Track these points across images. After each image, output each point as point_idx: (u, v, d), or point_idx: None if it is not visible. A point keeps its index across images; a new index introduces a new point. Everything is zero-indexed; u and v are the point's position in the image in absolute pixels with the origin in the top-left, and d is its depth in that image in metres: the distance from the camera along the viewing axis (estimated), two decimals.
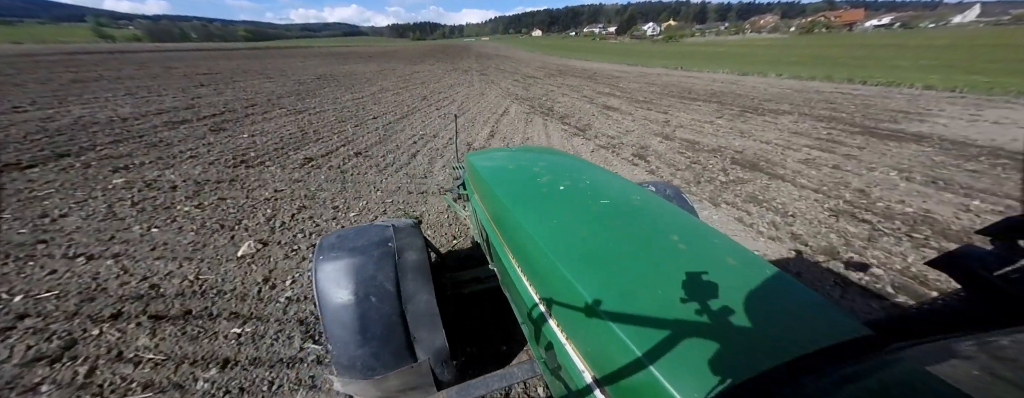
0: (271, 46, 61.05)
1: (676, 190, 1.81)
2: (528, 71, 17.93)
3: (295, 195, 3.45)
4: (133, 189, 3.50)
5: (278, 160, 4.41)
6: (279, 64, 19.71)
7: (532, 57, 30.20)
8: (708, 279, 0.71)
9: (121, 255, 2.48)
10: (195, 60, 21.55)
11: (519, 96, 10.08)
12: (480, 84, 12.81)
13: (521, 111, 7.98)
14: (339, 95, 9.74)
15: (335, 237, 1.16)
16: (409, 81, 13.38)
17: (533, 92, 10.90)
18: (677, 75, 15.19)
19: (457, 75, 15.93)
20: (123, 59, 20.90)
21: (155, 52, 31.46)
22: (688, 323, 0.61)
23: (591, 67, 20.02)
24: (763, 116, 6.92)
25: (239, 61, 21.36)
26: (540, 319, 0.91)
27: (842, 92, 9.32)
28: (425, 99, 9.46)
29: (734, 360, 0.54)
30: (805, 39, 49.70)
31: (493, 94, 10.51)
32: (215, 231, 2.82)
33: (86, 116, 6.39)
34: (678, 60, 21.89)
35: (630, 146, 5.22)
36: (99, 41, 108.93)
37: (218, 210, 3.14)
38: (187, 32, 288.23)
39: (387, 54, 35.14)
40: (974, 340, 0.48)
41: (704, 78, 13.81)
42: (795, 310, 0.66)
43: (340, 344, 0.98)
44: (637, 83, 12.75)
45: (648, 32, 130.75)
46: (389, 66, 19.97)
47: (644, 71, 17.34)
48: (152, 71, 14.51)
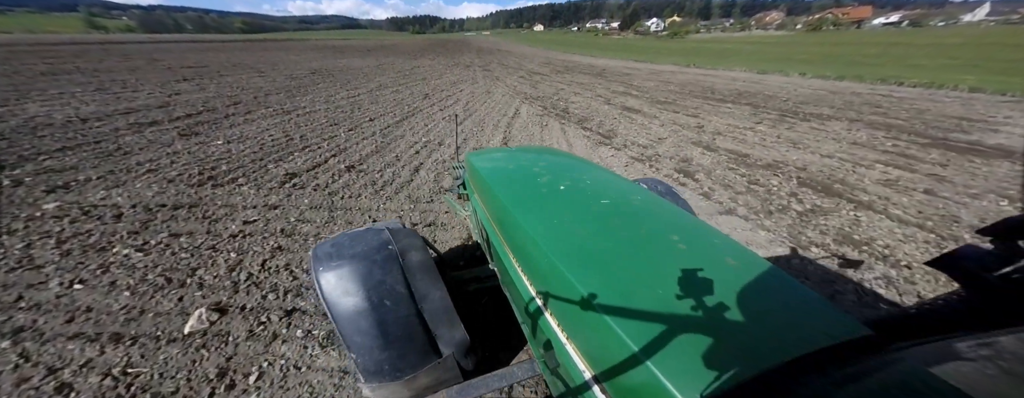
0: (267, 38, 59.51)
1: (667, 186, 1.82)
2: (533, 67, 17.07)
3: (269, 230, 2.72)
4: (65, 219, 2.77)
5: (254, 176, 3.67)
6: (272, 57, 18.73)
7: (535, 53, 29.21)
8: (708, 278, 0.70)
9: (23, 332, 1.77)
10: (184, 52, 20.56)
11: (528, 95, 9.30)
12: (485, 81, 11.99)
13: (533, 113, 7.22)
14: (333, 92, 8.93)
15: (330, 245, 1.12)
16: (409, 77, 12.54)
17: (542, 91, 10.12)
18: (692, 73, 14.42)
19: (459, 71, 15.06)
20: (108, 50, 19.86)
21: (144, 43, 30.24)
22: (688, 322, 0.61)
23: (598, 63, 19.18)
24: (808, 122, 6.19)
25: (230, 54, 20.36)
26: (540, 318, 0.90)
27: (881, 94, 8.58)
28: (427, 97, 8.67)
29: (734, 359, 0.54)
30: (813, 37, 48.65)
31: (500, 92, 9.73)
32: (159, 289, 2.10)
33: (40, 116, 5.59)
34: (687, 57, 21.24)
35: (668, 159, 4.49)
36: (91, 31, 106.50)
37: (167, 253, 2.41)
38: (182, 23, 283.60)
39: (385, 48, 34.00)
40: (974, 340, 0.47)
41: (722, 76, 13.03)
42: (795, 310, 0.66)
43: (363, 351, 0.97)
44: (651, 81, 11.96)
45: (652, 28, 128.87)
46: (388, 61, 19.02)
47: (654, 68, 16.56)
48: (134, 63, 13.59)
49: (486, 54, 26.42)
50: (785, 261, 2.40)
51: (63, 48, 20.44)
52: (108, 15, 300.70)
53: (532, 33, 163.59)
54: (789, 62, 16.70)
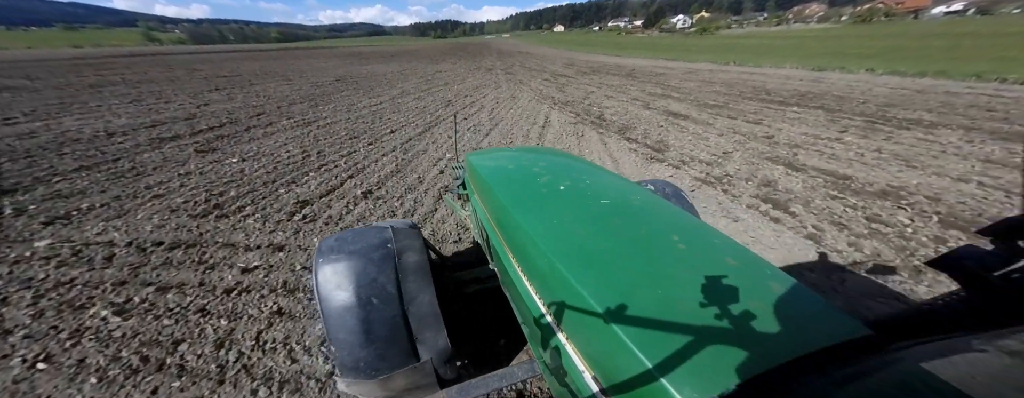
0: (299, 47, 62.61)
1: (676, 189, 1.76)
2: (557, 69, 16.34)
3: (270, 283, 2.24)
4: (52, 262, 2.43)
5: (263, 204, 3.27)
6: (301, 65, 19.21)
7: (557, 54, 28.37)
8: (708, 279, 0.70)
9: None
10: (222, 61, 21.61)
11: (557, 100, 8.63)
12: (508, 85, 11.44)
13: (565, 121, 6.55)
14: (356, 100, 8.68)
15: (334, 240, 1.13)
16: (431, 83, 12.22)
17: (571, 94, 9.41)
18: (734, 71, 13.13)
19: (481, 74, 14.63)
20: (155, 61, 21.21)
21: (191, 54, 32.37)
22: (688, 323, 0.60)
23: (626, 63, 18.15)
24: (909, 131, 5.10)
25: (263, 62, 21.15)
26: (540, 319, 0.90)
27: (987, 94, 7.16)
28: (450, 104, 8.22)
29: (734, 360, 0.53)
30: (864, 29, 44.33)
31: (525, 97, 9.13)
32: (132, 374, 1.65)
33: (72, 130, 5.60)
34: (722, 54, 19.59)
35: (744, 181, 3.67)
36: (148, 44, 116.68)
37: (149, 317, 1.98)
38: (226, 34, 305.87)
39: (409, 53, 34.49)
40: (974, 340, 0.47)
41: (772, 75, 11.72)
42: (796, 310, 0.65)
43: (344, 346, 0.97)
44: (691, 81, 10.91)
45: (678, 25, 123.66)
46: (410, 66, 18.98)
47: (690, 67, 15.31)
48: (175, 73, 14.23)
49: (507, 57, 25.96)
50: None
51: (119, 60, 22.06)
52: (163, 29, 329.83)
53: (552, 34, 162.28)
54: (844, 57, 14.94)
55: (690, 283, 0.69)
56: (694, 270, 0.73)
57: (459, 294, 1.63)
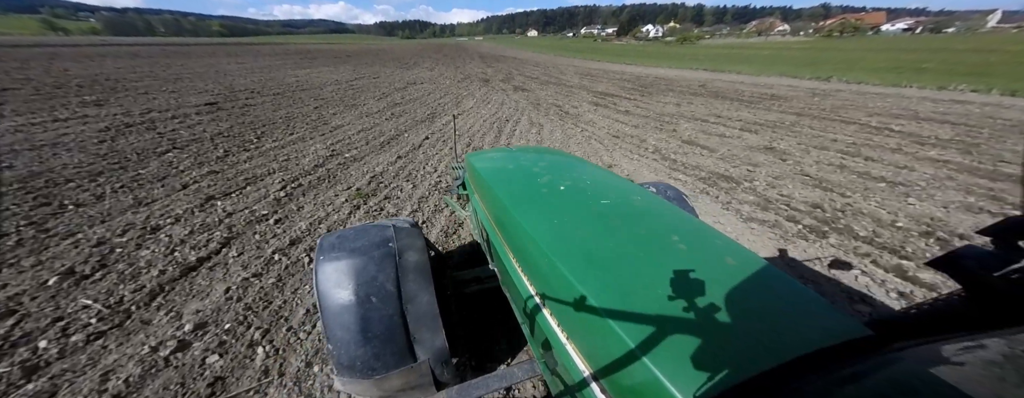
0: (239, 42, 53.70)
1: (677, 191, 1.78)
2: (577, 81, 12.28)
3: None
4: None
5: None
6: (196, 66, 13.43)
7: (550, 59, 24.50)
8: (708, 279, 0.70)
9: None
10: (115, 57, 15.49)
11: (664, 154, 4.43)
12: (533, 112, 7.12)
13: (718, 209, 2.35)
14: (228, 166, 3.89)
15: (336, 237, 1.12)
16: (404, 103, 7.60)
17: (656, 133, 5.27)
18: (761, 82, 10.28)
19: (477, 88, 10.19)
20: (10, 54, 14.33)
21: (83, 46, 24.48)
22: (688, 322, 0.61)
23: (656, 73, 14.65)
24: None
25: (165, 59, 15.14)
26: (540, 319, 0.91)
27: None
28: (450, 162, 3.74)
29: (734, 360, 0.54)
30: (836, 42, 45.42)
31: (578, 136, 4.84)
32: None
33: None
34: (717, 63, 18.45)
35: None
36: (48, 34, 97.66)
37: None
38: (154, 26, 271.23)
39: (371, 53, 28.93)
40: (974, 340, 0.47)
41: (810, 87, 8.42)
42: (795, 310, 0.66)
43: (341, 344, 0.96)
44: (747, 91, 7.23)
45: (650, 34, 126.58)
46: (370, 71, 13.96)
47: (705, 76, 12.92)
48: (25, 73, 8.29)
49: (494, 61, 21.61)
50: None
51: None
52: (74, 17, 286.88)
53: (527, 38, 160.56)
54: (862, 71, 13.00)
55: (690, 283, 0.69)
56: (694, 270, 0.72)
57: (459, 294, 1.60)
